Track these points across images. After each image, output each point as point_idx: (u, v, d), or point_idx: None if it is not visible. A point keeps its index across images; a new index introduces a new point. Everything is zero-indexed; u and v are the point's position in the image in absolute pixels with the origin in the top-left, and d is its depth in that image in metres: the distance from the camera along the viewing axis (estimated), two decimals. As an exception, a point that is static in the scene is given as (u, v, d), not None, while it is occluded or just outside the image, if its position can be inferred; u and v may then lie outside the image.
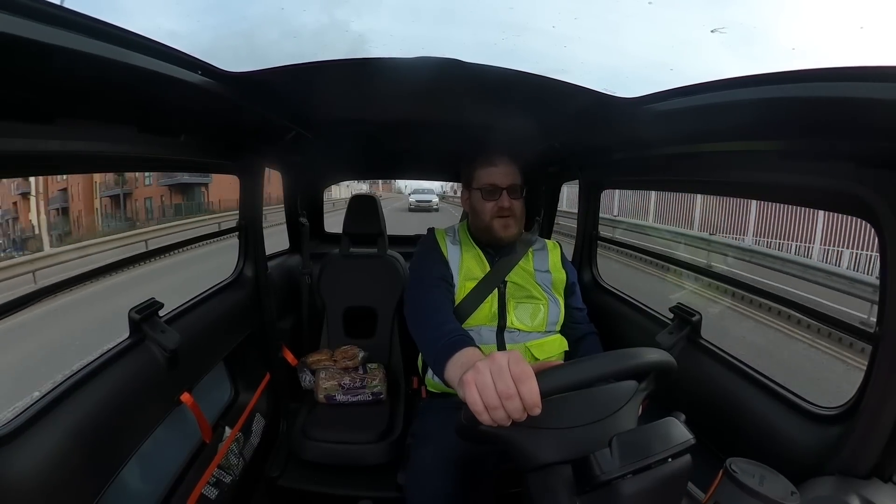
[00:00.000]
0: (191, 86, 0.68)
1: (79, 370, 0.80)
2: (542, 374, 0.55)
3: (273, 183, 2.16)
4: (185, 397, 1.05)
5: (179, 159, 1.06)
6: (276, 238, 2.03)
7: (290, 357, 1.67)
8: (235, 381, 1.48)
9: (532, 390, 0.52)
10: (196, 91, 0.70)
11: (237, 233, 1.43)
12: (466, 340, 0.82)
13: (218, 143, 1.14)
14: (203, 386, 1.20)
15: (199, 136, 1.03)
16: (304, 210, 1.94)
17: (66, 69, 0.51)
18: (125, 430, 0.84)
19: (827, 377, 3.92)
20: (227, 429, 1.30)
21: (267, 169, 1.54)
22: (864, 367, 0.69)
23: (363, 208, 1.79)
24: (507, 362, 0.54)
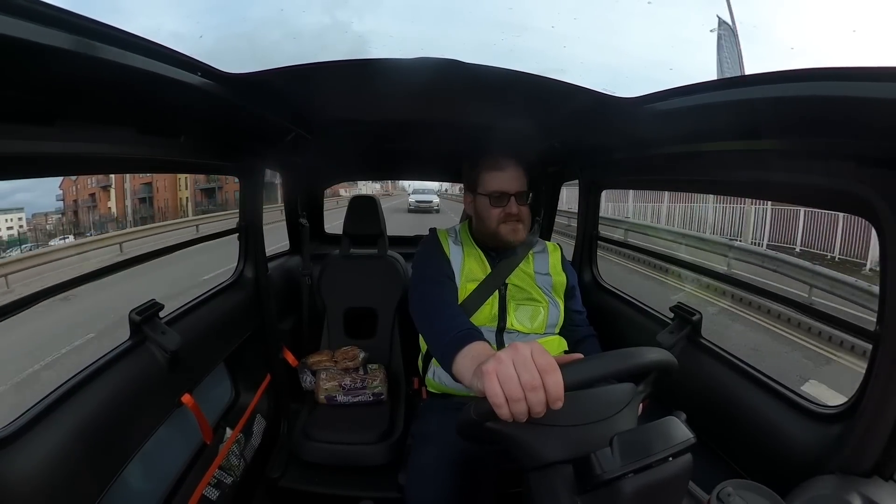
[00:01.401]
0: (190, 87, 0.68)
1: (80, 371, 0.80)
2: (565, 366, 0.54)
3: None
4: (186, 398, 1.05)
5: (180, 160, 1.06)
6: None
7: (290, 358, 1.66)
8: (236, 382, 1.48)
9: (557, 382, 0.51)
10: (196, 92, 0.70)
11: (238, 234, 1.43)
12: (476, 335, 0.82)
13: (218, 145, 1.15)
14: (204, 387, 1.20)
15: (198, 138, 1.03)
16: (304, 211, 1.94)
17: (67, 71, 0.51)
18: (126, 431, 0.84)
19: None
20: (227, 430, 1.30)
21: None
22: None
23: (363, 209, 1.79)
24: (530, 353, 0.52)
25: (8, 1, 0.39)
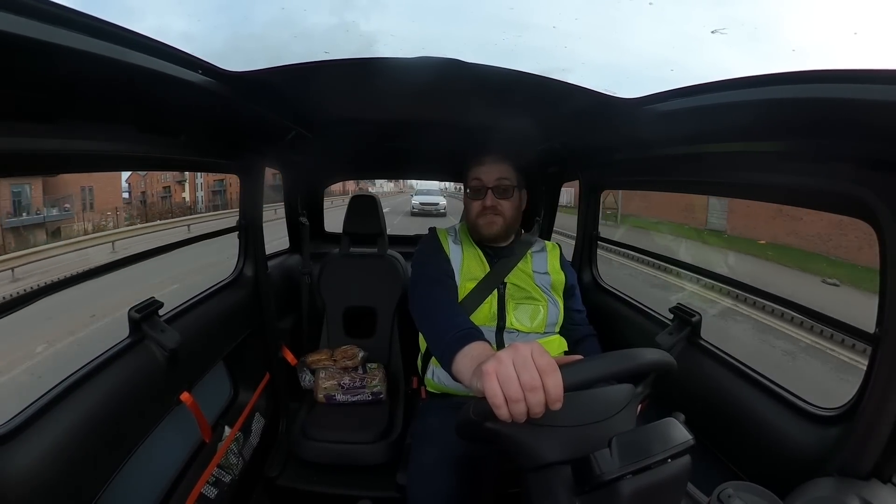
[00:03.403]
0: (191, 85, 0.67)
1: (79, 369, 0.80)
2: (565, 367, 0.54)
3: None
4: (185, 397, 1.05)
5: (180, 159, 1.06)
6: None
7: (289, 357, 1.67)
8: (235, 380, 1.48)
9: (557, 383, 0.51)
10: (196, 91, 0.70)
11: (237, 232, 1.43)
12: (476, 334, 0.82)
13: (218, 143, 1.14)
14: (203, 385, 1.20)
15: (199, 136, 1.03)
16: (304, 210, 1.94)
17: (67, 68, 0.51)
18: (125, 429, 0.84)
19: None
20: (226, 428, 1.30)
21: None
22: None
23: (363, 208, 1.79)
24: (530, 353, 0.52)
25: None
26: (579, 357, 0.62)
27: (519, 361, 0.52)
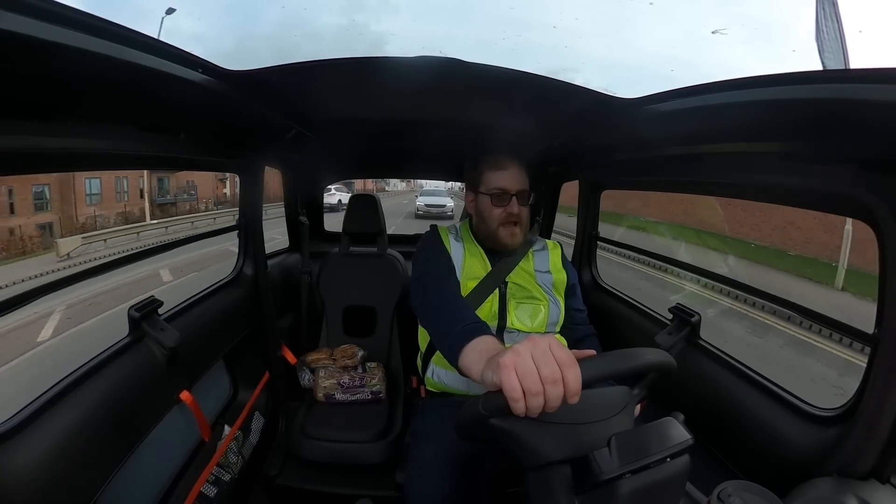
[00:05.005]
0: (191, 84, 0.67)
1: (78, 368, 0.80)
2: (582, 361, 0.53)
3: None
4: (185, 395, 1.05)
5: (180, 157, 1.06)
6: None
7: (289, 356, 1.67)
8: (235, 379, 1.48)
9: (577, 376, 0.50)
10: (196, 89, 0.70)
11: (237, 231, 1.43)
12: (484, 328, 0.81)
13: (218, 142, 1.14)
14: (202, 384, 1.21)
15: (199, 135, 1.03)
16: (303, 209, 1.94)
17: (67, 67, 0.51)
18: (124, 428, 0.84)
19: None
20: (226, 427, 1.30)
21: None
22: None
23: (363, 207, 1.79)
24: (548, 346, 0.51)
25: None
26: (592, 352, 0.62)
27: (538, 354, 0.51)
